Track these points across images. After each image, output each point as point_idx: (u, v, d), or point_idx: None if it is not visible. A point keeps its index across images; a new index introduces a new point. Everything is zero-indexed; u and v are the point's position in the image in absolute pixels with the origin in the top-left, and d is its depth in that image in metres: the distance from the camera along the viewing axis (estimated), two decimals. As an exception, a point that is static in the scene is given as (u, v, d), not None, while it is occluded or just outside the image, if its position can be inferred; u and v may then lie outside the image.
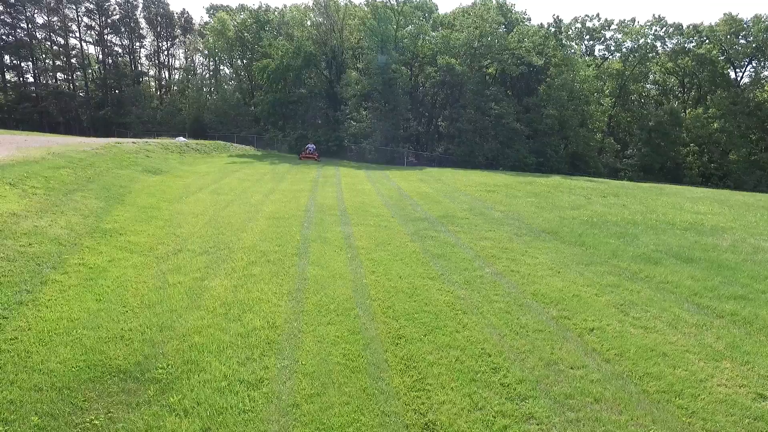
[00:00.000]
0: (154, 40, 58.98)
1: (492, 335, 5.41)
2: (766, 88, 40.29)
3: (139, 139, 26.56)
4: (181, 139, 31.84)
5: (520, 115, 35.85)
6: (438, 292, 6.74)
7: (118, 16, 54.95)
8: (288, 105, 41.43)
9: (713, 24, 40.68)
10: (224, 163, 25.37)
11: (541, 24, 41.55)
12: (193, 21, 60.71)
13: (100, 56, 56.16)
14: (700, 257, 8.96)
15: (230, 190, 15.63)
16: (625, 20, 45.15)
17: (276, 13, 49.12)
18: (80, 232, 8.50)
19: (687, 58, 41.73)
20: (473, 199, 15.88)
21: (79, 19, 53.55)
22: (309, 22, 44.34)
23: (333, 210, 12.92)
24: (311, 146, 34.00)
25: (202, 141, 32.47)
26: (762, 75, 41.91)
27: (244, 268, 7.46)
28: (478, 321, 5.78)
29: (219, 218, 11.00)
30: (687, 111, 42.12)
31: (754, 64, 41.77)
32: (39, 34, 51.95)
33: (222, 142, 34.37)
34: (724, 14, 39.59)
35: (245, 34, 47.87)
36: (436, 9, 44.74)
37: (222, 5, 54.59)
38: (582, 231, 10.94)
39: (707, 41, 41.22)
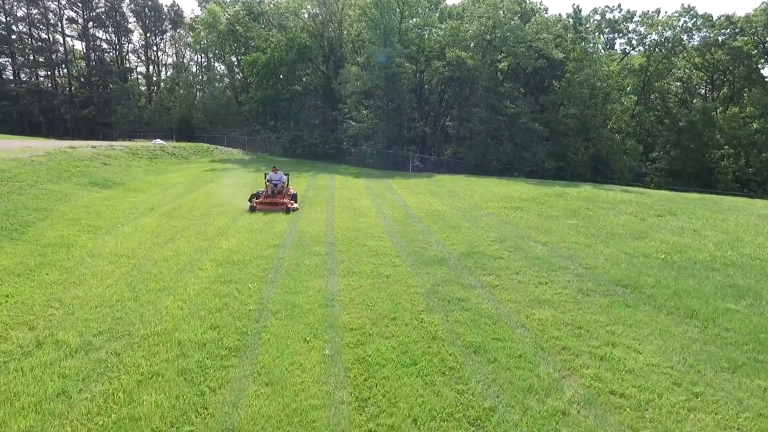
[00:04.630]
0: (142, 35, 55.60)
1: None
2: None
3: (102, 142, 23.21)
4: (159, 141, 28.47)
5: (536, 115, 32.28)
6: (495, 479, 3.30)
7: (103, 9, 51.51)
8: (280, 103, 37.82)
9: (749, 14, 36.98)
10: (201, 170, 22.00)
11: (559, 15, 37.98)
12: (184, 14, 57.31)
13: (85, 52, 52.82)
14: None
15: (189, 211, 12.21)
16: (649, 11, 41.56)
17: (271, 5, 45.66)
18: None
19: (719, 52, 38.01)
20: (500, 221, 12.40)
21: (62, 11, 50.26)
22: (306, 14, 40.89)
23: (317, 243, 9.50)
24: (277, 177, 13.82)
25: (182, 144, 29.13)
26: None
27: (127, 399, 4.04)
28: None
29: (147, 265, 7.59)
30: (718, 110, 38.40)
31: (793, 59, 38.11)
32: (18, 28, 48.76)
33: (206, 145, 31.06)
34: (762, 2, 35.87)
35: (237, 28, 44.41)
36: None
37: (214, -4, 51.10)
38: (674, 284, 7.48)
39: (741, 33, 37.53)
